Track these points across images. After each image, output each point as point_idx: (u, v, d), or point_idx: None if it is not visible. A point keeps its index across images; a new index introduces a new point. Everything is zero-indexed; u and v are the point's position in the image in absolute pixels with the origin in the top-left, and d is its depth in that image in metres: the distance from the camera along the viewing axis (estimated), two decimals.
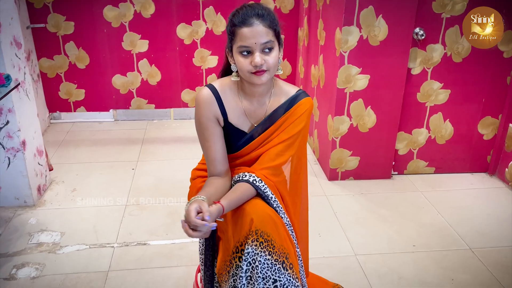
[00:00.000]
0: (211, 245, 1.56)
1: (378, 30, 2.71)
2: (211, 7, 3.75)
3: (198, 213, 1.33)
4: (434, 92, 2.96)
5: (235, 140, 1.60)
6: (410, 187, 3.03)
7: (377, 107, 2.91)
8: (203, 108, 1.54)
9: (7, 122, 2.54)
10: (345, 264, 2.29)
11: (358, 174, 3.09)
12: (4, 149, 2.59)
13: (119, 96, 4.00)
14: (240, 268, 1.42)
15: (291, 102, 1.56)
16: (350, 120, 2.93)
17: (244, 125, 1.59)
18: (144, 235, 2.49)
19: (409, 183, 3.08)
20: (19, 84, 2.36)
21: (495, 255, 2.37)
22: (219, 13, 3.77)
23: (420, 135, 3.08)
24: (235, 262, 1.44)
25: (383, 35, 2.72)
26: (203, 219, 1.31)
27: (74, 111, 4.02)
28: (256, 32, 1.40)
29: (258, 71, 1.43)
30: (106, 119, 4.06)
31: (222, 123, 1.57)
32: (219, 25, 3.81)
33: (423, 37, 2.76)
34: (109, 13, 3.72)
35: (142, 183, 3.03)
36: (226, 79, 1.60)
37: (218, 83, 1.58)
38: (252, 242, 1.41)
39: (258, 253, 1.41)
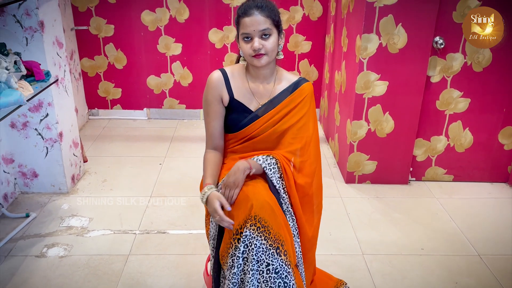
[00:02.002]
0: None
1: (397, 38, 2.78)
2: None
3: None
4: (453, 101, 2.99)
5: (241, 116, 1.75)
6: (427, 194, 3.07)
7: (396, 113, 2.97)
8: (211, 88, 1.75)
9: (47, 115, 2.78)
10: (352, 262, 2.38)
11: (375, 178, 3.16)
12: (43, 139, 2.84)
13: (152, 96, 4.23)
14: (238, 249, 1.56)
15: (294, 86, 1.75)
16: (368, 125, 3.01)
17: (250, 103, 1.76)
18: (164, 224, 2.66)
19: (426, 190, 3.11)
20: (57, 80, 2.59)
21: (503, 262, 2.39)
22: None
23: (439, 143, 3.12)
24: (235, 243, 1.57)
25: (403, 43, 2.79)
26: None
27: (111, 108, 4.28)
28: (255, 21, 1.60)
29: (258, 55, 1.63)
30: (140, 117, 4.29)
31: (226, 102, 1.76)
32: None
33: (442, 46, 2.81)
34: (147, 17, 3.95)
35: (167, 177, 3.22)
36: (237, 65, 1.81)
37: (229, 67, 1.79)
38: (250, 226, 1.55)
39: (254, 237, 1.54)
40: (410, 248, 2.50)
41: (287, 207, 1.70)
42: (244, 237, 1.55)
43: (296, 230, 1.74)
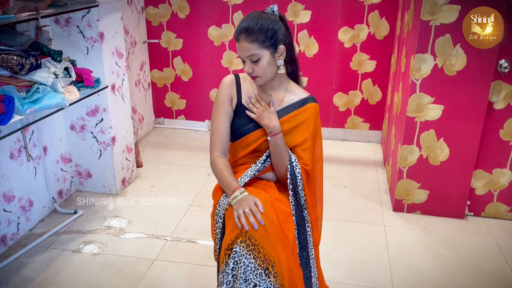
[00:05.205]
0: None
1: (455, 60, 2.58)
2: (305, 30, 3.89)
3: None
4: None
5: (245, 122, 1.75)
6: (483, 231, 2.77)
7: (451, 140, 2.74)
8: (223, 88, 1.77)
9: (102, 120, 2.97)
10: None
11: (426, 209, 2.92)
12: (98, 142, 3.03)
13: None
14: (228, 266, 1.52)
15: (302, 103, 1.74)
16: (420, 151, 2.80)
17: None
18: (195, 234, 2.69)
19: (483, 227, 2.82)
20: (107, 87, 2.75)
21: None
22: (312, 36, 3.89)
23: (503, 176, 2.81)
24: (225, 259, 1.54)
25: (461, 65, 2.58)
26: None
27: (176, 118, 4.46)
28: (242, 47, 1.61)
29: (251, 76, 1.66)
30: (201, 128, 4.42)
31: (234, 104, 1.77)
32: (312, 48, 3.93)
33: (507, 70, 2.55)
34: (213, 32, 4.08)
35: (211, 188, 3.23)
36: None
37: (243, 73, 1.79)
38: (241, 242, 1.51)
39: (243, 254, 1.49)
40: (448, 287, 2.27)
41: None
42: (234, 253, 1.51)
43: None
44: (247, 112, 1.74)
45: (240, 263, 1.50)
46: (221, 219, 1.67)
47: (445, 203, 2.89)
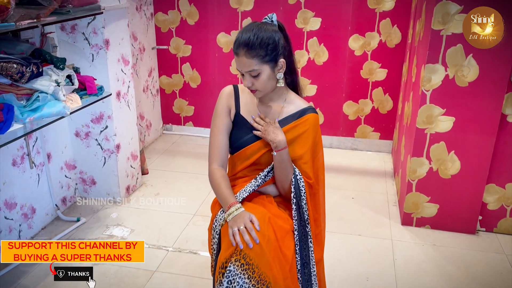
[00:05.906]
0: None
1: (467, 71, 2.50)
2: (315, 37, 3.83)
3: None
4: None
5: (244, 133, 1.71)
6: (495, 248, 2.67)
7: (462, 153, 2.66)
8: (221, 99, 1.75)
9: (106, 127, 2.94)
10: None
11: (436, 223, 2.84)
12: (102, 149, 3.00)
13: None
14: (222, 285, 1.47)
15: (301, 113, 1.69)
16: (430, 164, 2.72)
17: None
18: (198, 244, 2.64)
19: (495, 243, 2.72)
20: (110, 94, 2.72)
21: None
22: (322, 44, 3.83)
23: None
24: (219, 277, 1.49)
25: (473, 76, 2.50)
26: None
27: (184, 125, 4.43)
28: (241, 62, 1.57)
29: (251, 90, 1.62)
30: (208, 135, 4.36)
31: (233, 115, 1.73)
32: (321, 55, 3.87)
33: None
34: (222, 39, 4.04)
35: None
36: None
37: (242, 84, 1.74)
38: (235, 261, 1.46)
39: (237, 274, 1.44)
40: None
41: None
42: (228, 272, 1.46)
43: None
44: (254, 132, 1.69)
45: (234, 283, 1.44)
46: (217, 234, 1.62)
47: (455, 217, 2.80)
